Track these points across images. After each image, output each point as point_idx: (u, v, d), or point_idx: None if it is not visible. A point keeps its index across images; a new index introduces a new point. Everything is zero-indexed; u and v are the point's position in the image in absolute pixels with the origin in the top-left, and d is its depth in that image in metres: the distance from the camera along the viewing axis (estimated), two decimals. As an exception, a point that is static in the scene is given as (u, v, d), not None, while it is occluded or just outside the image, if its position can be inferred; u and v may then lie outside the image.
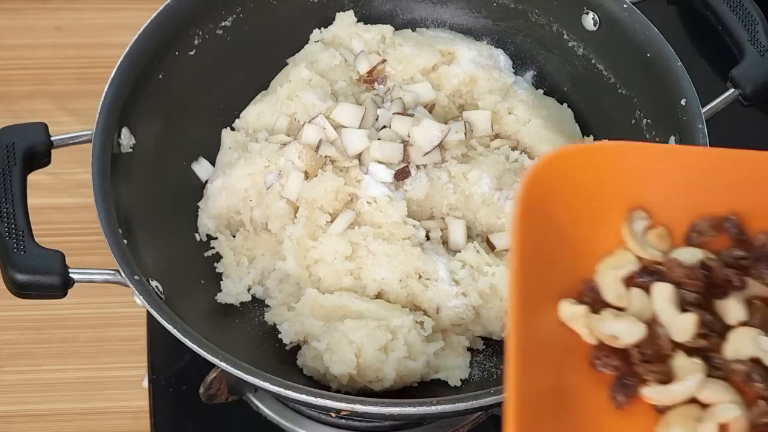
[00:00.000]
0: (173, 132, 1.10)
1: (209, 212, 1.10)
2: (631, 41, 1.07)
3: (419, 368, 0.99)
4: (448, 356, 1.03)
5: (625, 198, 0.78)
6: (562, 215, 0.76)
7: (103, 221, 0.95)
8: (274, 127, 1.12)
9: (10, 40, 1.44)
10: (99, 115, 1.01)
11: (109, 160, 1.00)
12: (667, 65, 1.05)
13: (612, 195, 0.78)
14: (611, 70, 1.12)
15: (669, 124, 1.03)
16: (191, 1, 1.11)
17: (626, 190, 0.78)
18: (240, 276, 1.08)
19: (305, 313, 1.02)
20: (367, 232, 1.03)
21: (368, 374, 0.98)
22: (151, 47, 1.07)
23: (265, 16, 1.16)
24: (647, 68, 1.06)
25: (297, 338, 1.02)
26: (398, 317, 1.00)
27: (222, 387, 1.05)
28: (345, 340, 0.97)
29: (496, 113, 1.12)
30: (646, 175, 0.78)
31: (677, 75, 1.04)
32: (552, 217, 0.75)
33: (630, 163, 0.78)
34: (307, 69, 1.13)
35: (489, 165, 1.07)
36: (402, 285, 1.03)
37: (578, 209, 0.77)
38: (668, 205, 0.78)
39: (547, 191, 0.75)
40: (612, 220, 0.78)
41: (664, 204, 0.78)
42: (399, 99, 1.11)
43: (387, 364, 0.97)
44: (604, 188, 0.78)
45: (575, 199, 0.77)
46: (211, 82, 1.14)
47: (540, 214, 0.74)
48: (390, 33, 1.18)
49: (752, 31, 1.08)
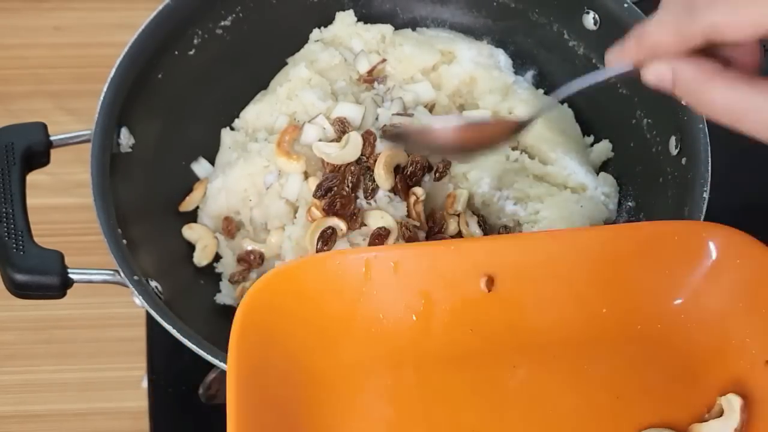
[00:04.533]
0: (173, 132, 1.10)
1: (209, 212, 1.10)
2: None
3: None
4: None
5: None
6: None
7: (102, 221, 0.94)
8: (273, 126, 1.12)
9: (8, 40, 1.44)
10: (98, 115, 1.00)
11: (109, 160, 0.99)
12: None
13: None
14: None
15: (669, 124, 1.03)
16: (191, 1, 1.10)
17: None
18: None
19: None
20: (367, 233, 1.03)
21: None
22: (151, 47, 1.06)
23: (264, 16, 1.16)
24: None
25: None
26: None
27: (222, 387, 1.05)
28: None
29: (496, 113, 1.12)
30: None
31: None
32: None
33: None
34: (307, 68, 1.13)
35: (489, 165, 1.07)
36: None
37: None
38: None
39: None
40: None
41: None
42: (399, 99, 1.11)
43: None
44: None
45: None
46: (210, 81, 1.14)
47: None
48: (390, 32, 1.18)
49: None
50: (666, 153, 1.04)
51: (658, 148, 1.06)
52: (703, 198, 0.96)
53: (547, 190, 1.08)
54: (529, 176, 1.09)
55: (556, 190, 1.08)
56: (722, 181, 0.98)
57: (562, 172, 1.09)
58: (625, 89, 1.10)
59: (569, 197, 1.07)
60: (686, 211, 0.96)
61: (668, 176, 1.03)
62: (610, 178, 1.12)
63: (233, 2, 1.14)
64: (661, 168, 1.05)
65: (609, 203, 1.10)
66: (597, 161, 1.14)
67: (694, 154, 0.99)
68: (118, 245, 0.94)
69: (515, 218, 1.06)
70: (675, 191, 1.01)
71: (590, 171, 1.11)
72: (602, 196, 1.10)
